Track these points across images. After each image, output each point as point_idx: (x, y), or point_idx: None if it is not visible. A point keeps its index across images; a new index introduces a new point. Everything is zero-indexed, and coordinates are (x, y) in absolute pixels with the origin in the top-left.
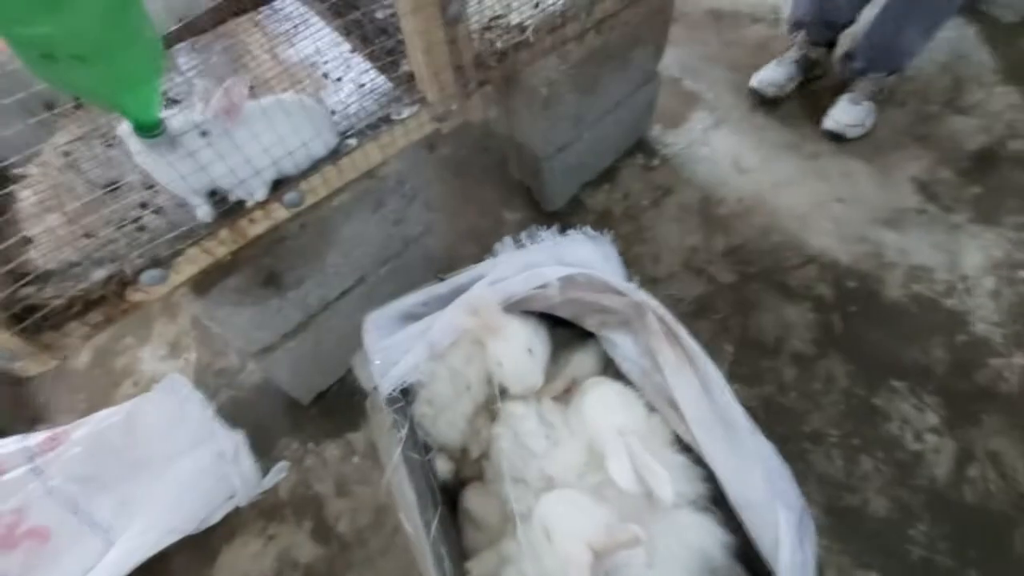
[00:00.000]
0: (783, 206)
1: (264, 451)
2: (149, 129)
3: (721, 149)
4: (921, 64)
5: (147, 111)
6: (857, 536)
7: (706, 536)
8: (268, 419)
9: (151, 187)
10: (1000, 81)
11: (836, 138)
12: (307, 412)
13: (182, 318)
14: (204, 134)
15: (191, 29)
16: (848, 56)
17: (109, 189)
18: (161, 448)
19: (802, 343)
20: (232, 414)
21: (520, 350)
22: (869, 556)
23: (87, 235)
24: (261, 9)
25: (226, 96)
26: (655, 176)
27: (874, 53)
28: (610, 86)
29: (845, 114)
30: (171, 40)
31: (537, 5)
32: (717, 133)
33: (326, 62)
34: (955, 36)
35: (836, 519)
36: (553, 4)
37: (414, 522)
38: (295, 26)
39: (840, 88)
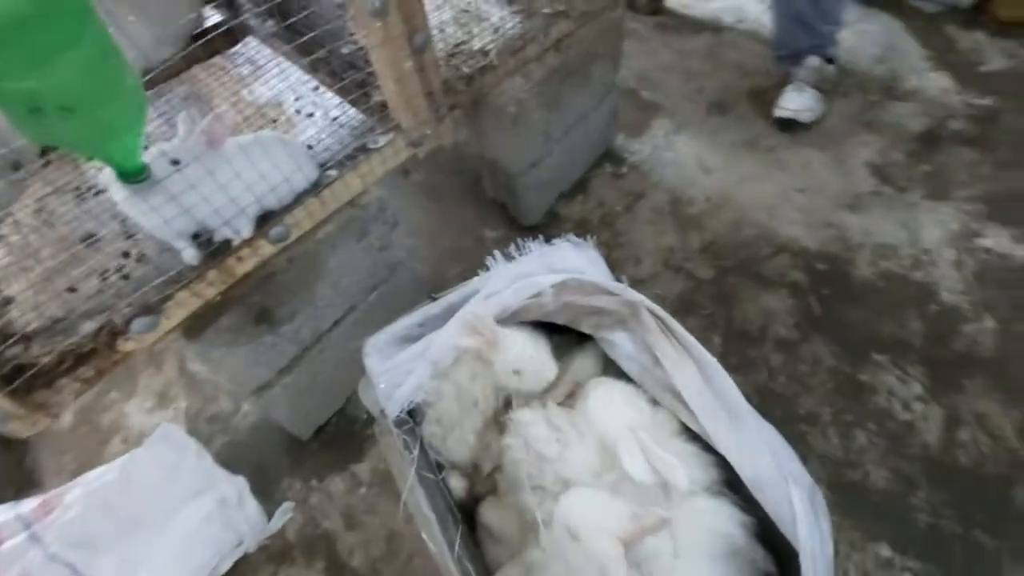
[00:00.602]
0: (749, 200)
1: (267, 494)
2: (134, 175)
3: (684, 152)
4: (857, 58)
5: (132, 157)
6: (863, 509)
7: (725, 519)
8: (268, 460)
9: (131, 236)
10: (931, 68)
11: (789, 125)
12: (307, 448)
13: (168, 368)
14: (183, 170)
15: (151, 81)
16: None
17: (88, 242)
18: (160, 501)
19: (785, 328)
20: (230, 459)
21: (528, 350)
22: (878, 528)
23: (70, 289)
24: (222, 55)
25: (213, 123)
26: (625, 183)
27: (797, 31)
28: (573, 101)
29: (792, 101)
30: None
31: (497, 30)
32: (678, 138)
33: (297, 99)
34: (884, 30)
35: (841, 495)
36: (512, 28)
37: (437, 542)
38: (258, 68)
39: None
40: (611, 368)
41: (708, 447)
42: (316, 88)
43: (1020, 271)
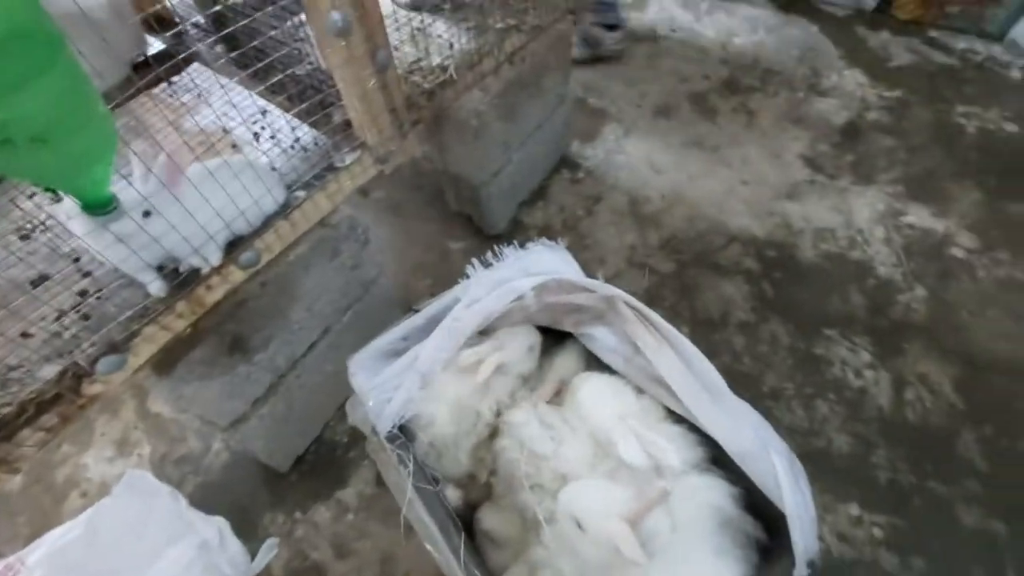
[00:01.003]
0: (700, 196)
1: (249, 532)
2: (102, 207)
3: (635, 155)
4: (782, 59)
5: (101, 189)
6: (831, 474)
7: (715, 492)
8: (246, 498)
9: (88, 274)
10: (846, 65)
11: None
12: (287, 480)
13: (126, 412)
14: (147, 213)
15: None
16: None
17: (39, 284)
18: (134, 553)
19: (743, 313)
20: (205, 501)
21: (523, 348)
22: (845, 489)
23: (25, 335)
24: (167, 83)
25: (168, 163)
26: (583, 187)
27: None
28: (529, 111)
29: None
30: None
31: (452, 46)
32: (628, 141)
33: (255, 122)
34: (803, 33)
35: (810, 464)
36: (466, 43)
37: (442, 550)
38: (203, 94)
39: None
40: (593, 363)
41: (692, 428)
42: (270, 112)
43: (941, 243)
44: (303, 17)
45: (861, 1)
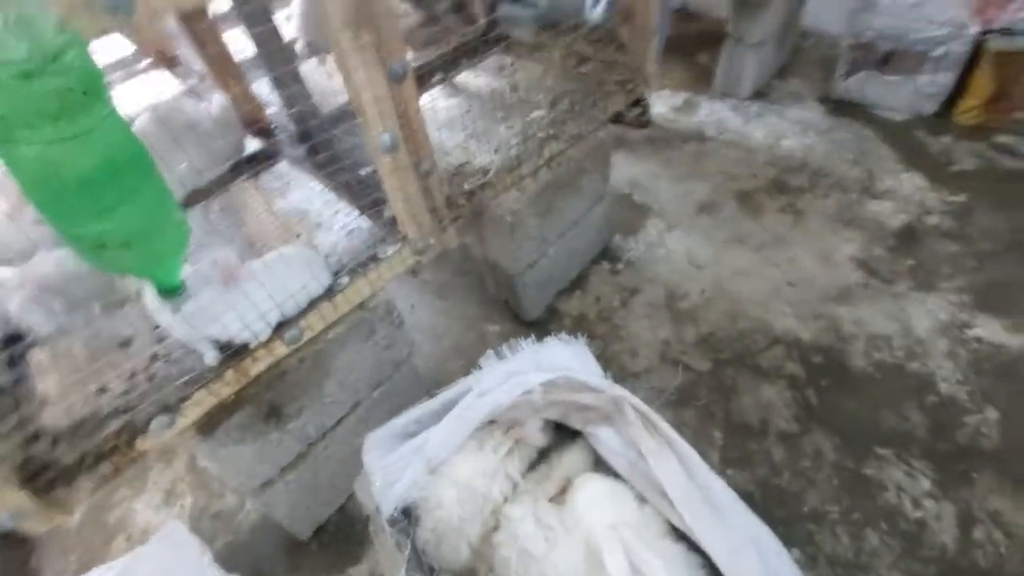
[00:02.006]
0: (742, 293)
1: None
2: (172, 292)
3: (677, 249)
4: (833, 162)
5: (173, 278)
6: None
7: None
8: (266, 561)
9: (162, 339)
10: (904, 169)
11: None
12: (306, 548)
13: (178, 463)
14: (213, 287)
15: (196, 196)
16: None
17: (124, 345)
18: None
19: (784, 421)
20: (229, 560)
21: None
22: None
23: (101, 390)
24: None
25: (223, 265)
26: (621, 279)
27: None
28: (566, 209)
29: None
30: (182, 206)
31: (496, 151)
32: (671, 236)
33: (319, 212)
34: (856, 137)
35: None
36: (510, 149)
37: None
38: (287, 185)
39: None
40: (602, 463)
41: (696, 547)
42: (336, 203)
43: (1016, 361)
44: None
45: (919, 106)
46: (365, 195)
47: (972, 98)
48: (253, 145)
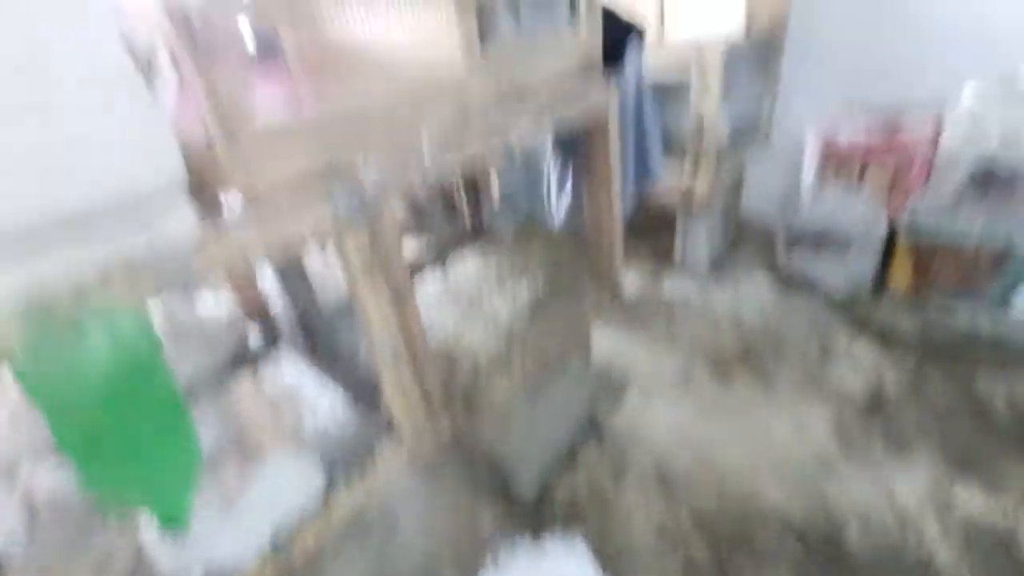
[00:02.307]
0: (727, 466)
1: None
2: (176, 527)
3: (658, 420)
4: (789, 332)
5: (183, 516)
6: None
7: None
8: None
9: (144, 561)
10: (854, 338)
11: None
12: None
13: None
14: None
15: (195, 390)
16: None
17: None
18: None
19: None
20: None
21: None
22: None
23: None
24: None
25: (224, 491)
26: (609, 454)
27: None
28: (552, 391)
29: None
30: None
31: (485, 327)
32: (651, 407)
33: (314, 401)
34: (807, 307)
35: None
36: (498, 338)
37: None
38: (286, 374)
39: None
40: None
41: None
42: (333, 394)
43: (1008, 535)
44: None
45: (855, 280)
46: (363, 391)
47: (898, 274)
48: (254, 337)
